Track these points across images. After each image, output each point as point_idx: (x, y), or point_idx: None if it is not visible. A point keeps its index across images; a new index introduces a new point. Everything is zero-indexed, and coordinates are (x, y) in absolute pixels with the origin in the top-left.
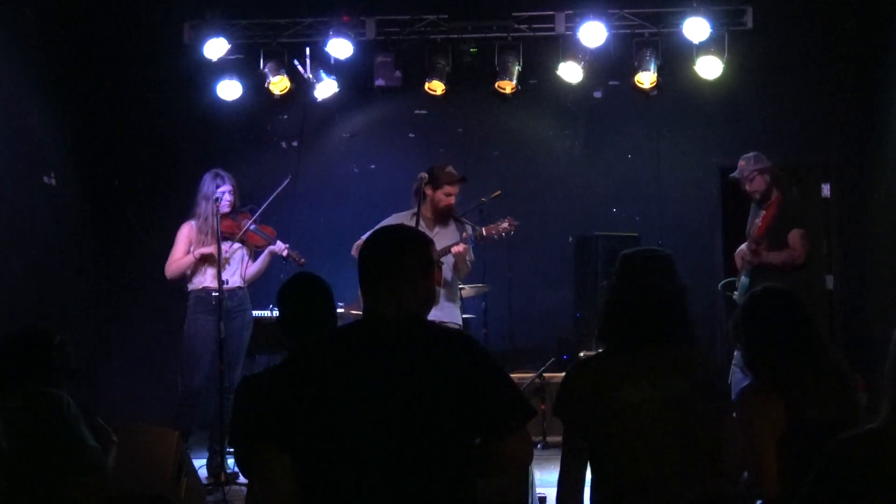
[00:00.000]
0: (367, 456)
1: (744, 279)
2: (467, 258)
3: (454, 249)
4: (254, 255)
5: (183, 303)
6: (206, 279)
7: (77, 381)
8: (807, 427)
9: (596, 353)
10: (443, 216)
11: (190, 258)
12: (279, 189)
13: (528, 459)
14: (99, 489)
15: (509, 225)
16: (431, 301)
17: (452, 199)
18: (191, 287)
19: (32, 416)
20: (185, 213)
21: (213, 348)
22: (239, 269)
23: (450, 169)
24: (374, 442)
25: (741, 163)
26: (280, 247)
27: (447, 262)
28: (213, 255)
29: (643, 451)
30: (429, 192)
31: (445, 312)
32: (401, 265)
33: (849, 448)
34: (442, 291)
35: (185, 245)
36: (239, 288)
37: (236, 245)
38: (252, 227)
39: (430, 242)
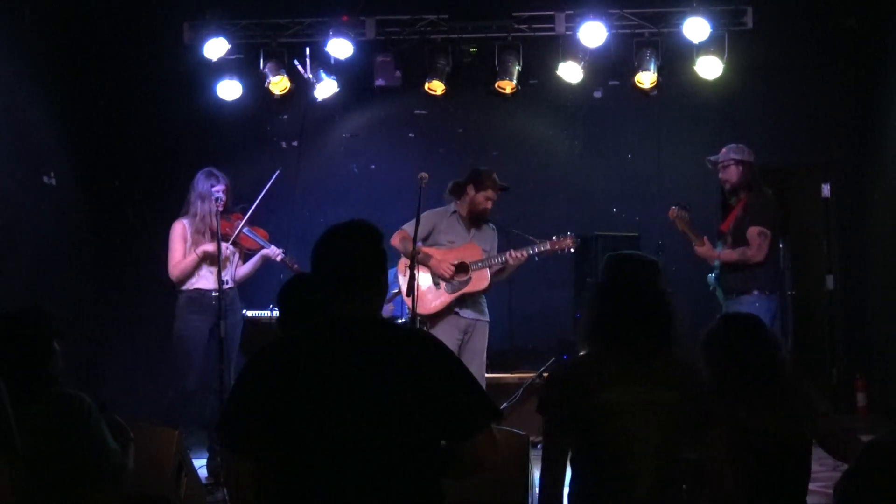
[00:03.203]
0: (331, 457)
1: (711, 277)
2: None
3: (516, 256)
4: (244, 257)
5: None
6: (198, 280)
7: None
8: (752, 439)
9: (581, 355)
10: (478, 219)
11: (193, 257)
12: (270, 182)
13: (494, 461)
14: (118, 492)
15: (572, 241)
16: (385, 297)
17: (490, 204)
18: (182, 287)
19: (54, 419)
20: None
21: (205, 348)
22: (230, 269)
23: (495, 175)
24: (338, 443)
25: (723, 149)
26: (274, 251)
27: (489, 266)
28: (215, 253)
29: (622, 454)
30: (470, 192)
31: (479, 309)
32: (364, 263)
33: (878, 450)
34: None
35: (184, 245)
36: (230, 288)
37: (227, 246)
38: (245, 229)
39: (383, 237)
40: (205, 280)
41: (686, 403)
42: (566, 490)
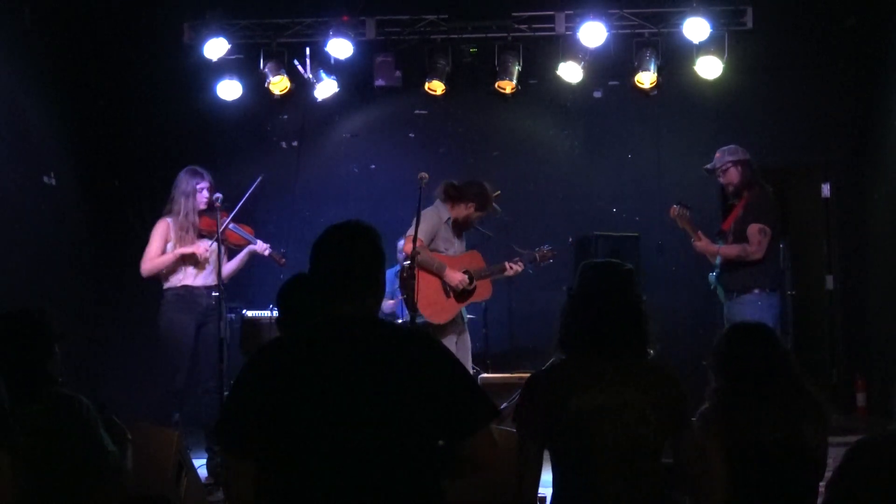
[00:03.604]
0: (330, 458)
1: (712, 275)
2: None
3: (515, 268)
4: (229, 253)
5: None
6: (186, 277)
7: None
8: (756, 447)
9: (554, 362)
10: (462, 229)
11: (169, 257)
12: (252, 188)
13: (492, 460)
14: (118, 492)
15: (550, 253)
16: (383, 297)
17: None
18: (168, 284)
19: (53, 419)
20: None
21: (193, 346)
22: (215, 267)
23: (496, 197)
24: (337, 443)
25: (717, 154)
26: (261, 246)
27: (490, 275)
28: (195, 255)
29: (596, 458)
30: (470, 208)
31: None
32: (362, 263)
33: (867, 450)
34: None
35: (162, 243)
36: (216, 286)
37: (213, 243)
38: (231, 225)
39: (381, 237)
40: (193, 277)
41: (659, 406)
42: (550, 494)
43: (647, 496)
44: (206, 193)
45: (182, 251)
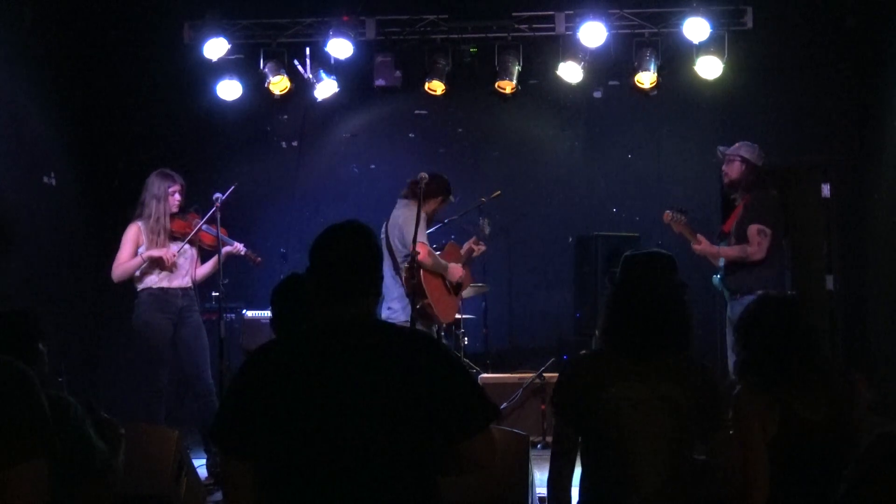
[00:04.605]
0: (328, 458)
1: (716, 278)
2: None
3: (479, 248)
4: (203, 255)
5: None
6: (161, 279)
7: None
8: (798, 429)
9: (594, 350)
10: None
11: (138, 261)
12: (226, 195)
13: (492, 460)
14: (109, 491)
15: (487, 225)
16: (379, 297)
17: None
18: (143, 285)
19: None
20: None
21: (172, 346)
22: (189, 269)
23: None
24: (336, 444)
25: (736, 144)
26: (238, 247)
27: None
28: (163, 260)
29: (630, 448)
30: (438, 201)
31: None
32: (358, 264)
33: (887, 442)
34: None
35: (133, 247)
36: (189, 288)
37: (185, 245)
38: (204, 226)
39: (377, 237)
40: (168, 278)
41: (696, 402)
42: (578, 482)
43: (679, 489)
44: (177, 196)
45: (150, 254)
